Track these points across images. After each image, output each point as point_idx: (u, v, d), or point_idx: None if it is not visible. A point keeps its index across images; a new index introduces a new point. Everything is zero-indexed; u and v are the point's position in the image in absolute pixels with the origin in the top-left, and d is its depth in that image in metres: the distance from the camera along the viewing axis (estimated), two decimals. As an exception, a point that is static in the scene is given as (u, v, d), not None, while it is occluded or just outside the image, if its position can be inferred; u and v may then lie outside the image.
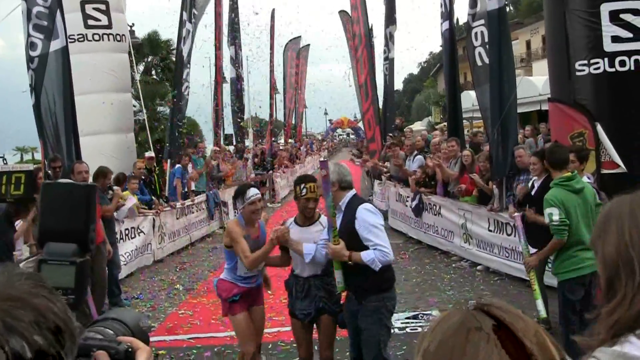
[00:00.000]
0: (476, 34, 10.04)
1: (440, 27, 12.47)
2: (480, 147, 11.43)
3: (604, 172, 7.41)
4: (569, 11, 7.66)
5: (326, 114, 73.79)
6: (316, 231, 4.86)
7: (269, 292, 5.62)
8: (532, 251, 6.87)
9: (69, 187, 1.64)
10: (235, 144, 24.21)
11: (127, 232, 10.70)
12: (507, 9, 13.35)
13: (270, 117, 28.66)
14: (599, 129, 7.42)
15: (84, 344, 1.24)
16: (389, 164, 14.77)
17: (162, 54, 29.45)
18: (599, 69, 7.45)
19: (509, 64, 9.52)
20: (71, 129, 9.95)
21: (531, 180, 7.25)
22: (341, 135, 72.80)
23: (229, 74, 22.33)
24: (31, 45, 9.88)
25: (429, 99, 53.11)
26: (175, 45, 17.35)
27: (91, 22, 12.57)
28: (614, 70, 7.35)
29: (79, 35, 12.28)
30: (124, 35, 13.35)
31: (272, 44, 28.02)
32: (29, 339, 0.92)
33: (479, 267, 9.99)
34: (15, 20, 10.39)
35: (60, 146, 9.86)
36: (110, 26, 12.79)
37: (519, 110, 11.65)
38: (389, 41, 17.33)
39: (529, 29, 40.61)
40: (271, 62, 28.40)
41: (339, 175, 4.55)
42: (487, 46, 9.65)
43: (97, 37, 12.63)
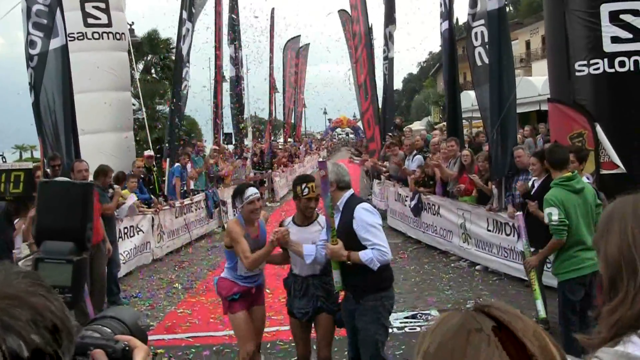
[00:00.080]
0: (476, 34, 10.06)
1: (439, 27, 12.48)
2: (481, 147, 11.44)
3: (603, 172, 7.42)
4: (569, 11, 7.66)
5: (325, 113, 73.88)
6: (315, 231, 4.86)
7: (267, 291, 5.61)
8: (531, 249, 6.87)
9: (66, 186, 1.64)
10: (234, 143, 24.21)
11: (126, 230, 10.69)
12: (507, 9, 13.34)
13: (269, 116, 28.67)
14: (599, 129, 7.42)
15: (82, 342, 1.24)
16: (388, 163, 14.77)
17: (162, 52, 29.45)
18: (599, 69, 7.45)
19: (508, 64, 9.52)
20: (70, 128, 9.94)
21: (531, 180, 7.25)
22: (340, 134, 72.70)
23: (228, 73, 22.35)
24: (31, 43, 9.87)
25: (429, 99, 53.13)
26: (174, 44, 17.34)
27: (91, 20, 12.56)
28: (613, 70, 7.36)
29: (78, 33, 12.26)
30: (123, 33, 13.34)
31: (271, 43, 28.05)
32: (26, 338, 0.92)
33: (478, 267, 9.99)
34: (15, 18, 10.39)
35: (59, 144, 9.84)
36: (110, 25, 12.78)
37: (518, 110, 11.64)
38: (388, 41, 17.32)
39: (528, 29, 40.63)
40: (270, 61, 28.43)
41: (337, 175, 4.54)
42: (487, 46, 9.66)
43: (96, 36, 12.62)
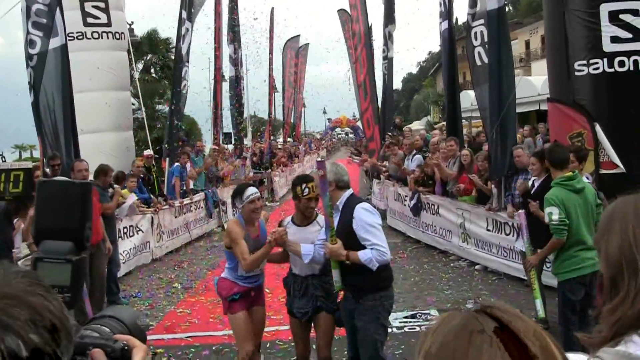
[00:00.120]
0: (476, 33, 10.06)
1: (439, 26, 12.48)
2: (481, 147, 11.44)
3: (603, 172, 7.42)
4: (569, 11, 7.66)
5: (325, 112, 73.83)
6: (314, 231, 4.85)
7: (267, 290, 5.61)
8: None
9: (64, 185, 1.64)
10: (234, 143, 24.20)
11: (125, 230, 10.69)
12: (507, 9, 13.34)
13: (269, 116, 28.67)
14: (598, 129, 7.42)
15: (81, 342, 1.24)
16: (387, 163, 14.77)
17: (162, 52, 29.43)
18: (598, 69, 7.45)
19: (508, 64, 9.52)
20: (70, 127, 9.93)
21: (531, 180, 7.25)
22: (340, 134, 72.64)
23: (228, 73, 22.34)
24: (30, 42, 9.86)
25: (428, 99, 53.10)
26: (174, 43, 17.33)
27: (90, 20, 12.54)
28: (613, 70, 7.36)
29: (78, 33, 12.25)
30: (123, 33, 13.34)
31: (271, 43, 28.02)
32: (25, 338, 0.92)
33: (477, 267, 9.99)
34: (14, 18, 10.38)
35: (59, 144, 9.84)
36: (109, 24, 12.77)
37: (518, 110, 11.64)
38: (387, 40, 17.31)
39: (528, 29, 40.61)
40: (270, 61, 28.41)
41: (335, 175, 4.54)
42: (487, 46, 9.66)
43: (96, 35, 12.61)
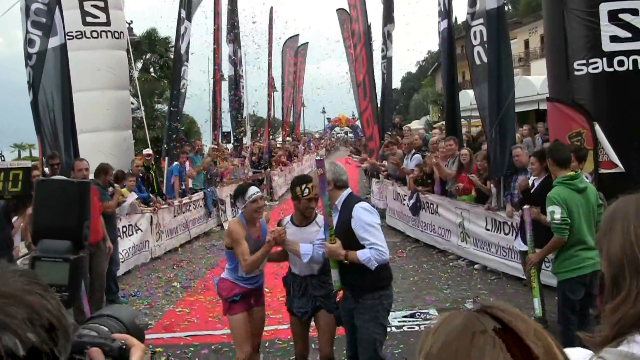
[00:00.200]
0: (475, 33, 10.06)
1: (438, 26, 12.47)
2: (480, 147, 11.44)
3: (602, 171, 7.42)
4: (568, 11, 7.65)
5: (324, 112, 73.80)
6: (313, 231, 4.85)
7: (266, 290, 5.61)
8: (527, 248, 6.86)
9: (62, 184, 1.64)
10: (233, 142, 24.18)
11: (124, 229, 10.69)
12: (506, 8, 13.34)
13: (268, 115, 28.65)
14: (597, 128, 7.42)
15: (78, 341, 1.24)
16: (386, 162, 14.77)
17: (161, 51, 29.42)
18: (598, 68, 7.44)
19: (507, 63, 9.52)
20: (69, 126, 9.93)
21: (531, 179, 7.24)
22: (339, 133, 72.60)
23: (227, 72, 22.33)
24: (29, 42, 9.86)
25: (427, 98, 53.00)
26: (173, 42, 17.33)
27: (89, 19, 12.53)
28: (612, 70, 7.35)
29: (77, 32, 12.24)
30: (122, 32, 13.33)
31: (270, 42, 27.99)
32: (22, 336, 0.92)
33: (476, 266, 10.00)
34: (13, 17, 10.38)
35: (58, 143, 9.84)
36: (108, 23, 12.76)
37: (517, 109, 11.63)
38: (387, 40, 17.32)
39: (527, 29, 40.55)
40: (269, 60, 28.39)
41: (334, 174, 4.53)
42: (486, 45, 9.66)
43: (95, 35, 12.59)
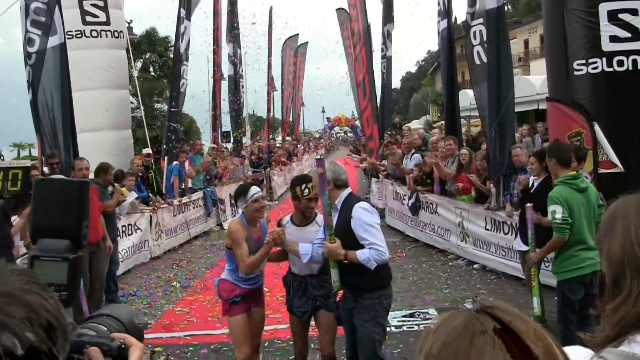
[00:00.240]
0: (475, 32, 10.06)
1: (437, 25, 12.47)
2: (480, 146, 11.44)
3: (601, 171, 7.42)
4: (568, 10, 7.65)
5: (324, 111, 73.84)
6: (313, 231, 4.85)
7: (265, 289, 5.60)
8: (526, 248, 6.85)
9: (61, 184, 1.64)
10: (232, 141, 24.18)
11: (124, 229, 10.68)
12: (506, 8, 13.33)
13: (267, 114, 28.65)
14: (597, 128, 7.41)
15: (77, 340, 1.24)
16: (386, 162, 14.77)
17: (160, 51, 29.40)
18: (597, 68, 7.44)
19: (507, 63, 9.52)
20: (69, 126, 9.92)
21: (530, 179, 7.24)
22: (339, 133, 72.62)
23: (227, 71, 22.32)
24: (29, 41, 9.85)
25: (427, 98, 52.98)
26: (173, 42, 17.33)
27: (89, 18, 12.52)
28: (612, 70, 7.34)
29: (76, 31, 12.24)
30: (121, 31, 13.32)
31: (270, 41, 27.99)
32: (21, 336, 0.92)
33: (476, 266, 10.00)
34: (13, 16, 10.37)
35: (57, 143, 9.83)
36: (108, 23, 12.75)
37: (517, 109, 11.62)
38: (386, 39, 17.31)
39: (527, 28, 40.54)
40: (269, 59, 28.39)
41: (334, 173, 4.52)
42: (486, 45, 9.66)
43: (94, 34, 12.59)
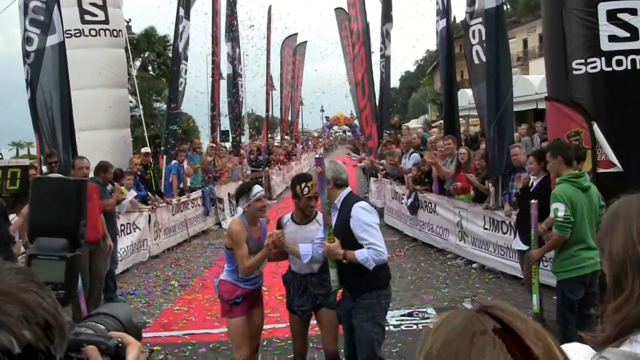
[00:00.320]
0: (474, 32, 10.06)
1: (436, 25, 12.46)
2: (478, 146, 11.45)
3: (600, 171, 7.42)
4: (567, 10, 7.64)
5: (322, 110, 73.83)
6: (314, 229, 4.84)
7: (264, 288, 5.60)
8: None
9: (59, 182, 1.63)
10: (231, 140, 24.17)
11: (123, 228, 10.67)
12: (505, 7, 13.33)
13: (266, 113, 28.65)
14: (596, 128, 7.41)
15: (75, 339, 1.24)
16: (385, 161, 14.76)
17: (159, 50, 29.39)
18: (596, 68, 7.43)
19: (505, 63, 9.52)
20: (67, 125, 9.91)
21: (530, 179, 7.24)
22: (337, 132, 72.63)
23: (225, 70, 22.31)
24: (27, 40, 9.84)
25: (426, 97, 53.04)
26: (172, 41, 17.31)
27: (88, 17, 12.50)
28: (610, 69, 7.34)
29: (75, 30, 12.22)
30: (120, 30, 13.30)
31: (268, 40, 27.98)
32: (18, 334, 0.91)
33: (474, 265, 10.01)
34: (12, 15, 10.37)
35: (56, 141, 9.82)
36: (107, 21, 12.73)
37: (515, 108, 11.64)
38: (385, 39, 17.31)
39: (525, 28, 40.57)
40: (268, 58, 28.38)
41: (334, 172, 4.51)
42: (484, 44, 9.66)
43: (93, 33, 12.57)
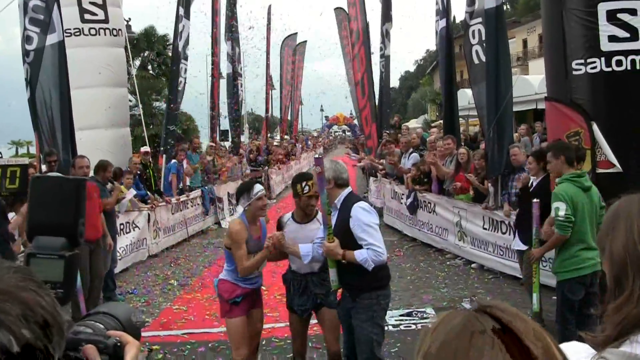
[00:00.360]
0: (473, 32, 10.06)
1: (435, 25, 12.46)
2: (478, 145, 11.45)
3: (600, 171, 7.42)
4: (566, 10, 7.64)
5: (322, 110, 73.83)
6: (314, 229, 4.84)
7: (263, 288, 5.60)
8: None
9: (58, 181, 1.63)
10: (230, 140, 24.16)
11: (122, 227, 10.67)
12: (505, 7, 13.33)
13: (266, 113, 28.65)
14: (595, 128, 7.41)
15: (74, 337, 1.24)
16: (384, 161, 14.76)
17: (159, 49, 29.39)
18: (596, 68, 7.43)
19: (505, 63, 9.52)
20: (67, 124, 9.90)
21: (530, 179, 7.25)
22: (337, 132, 72.64)
23: (225, 70, 22.29)
24: (27, 39, 9.83)
25: (425, 97, 53.05)
26: (172, 40, 17.31)
27: (88, 16, 12.50)
28: (610, 69, 7.34)
29: (75, 29, 12.22)
30: (120, 29, 13.30)
31: (268, 40, 27.98)
32: (16, 333, 0.91)
33: (474, 265, 10.01)
34: (12, 14, 10.37)
35: (55, 140, 9.80)
36: (106, 21, 12.73)
37: (515, 108, 11.64)
38: (384, 38, 17.31)
39: (525, 28, 40.57)
40: (267, 58, 28.38)
41: (335, 172, 4.49)
42: (484, 44, 9.66)
43: (93, 32, 12.57)
